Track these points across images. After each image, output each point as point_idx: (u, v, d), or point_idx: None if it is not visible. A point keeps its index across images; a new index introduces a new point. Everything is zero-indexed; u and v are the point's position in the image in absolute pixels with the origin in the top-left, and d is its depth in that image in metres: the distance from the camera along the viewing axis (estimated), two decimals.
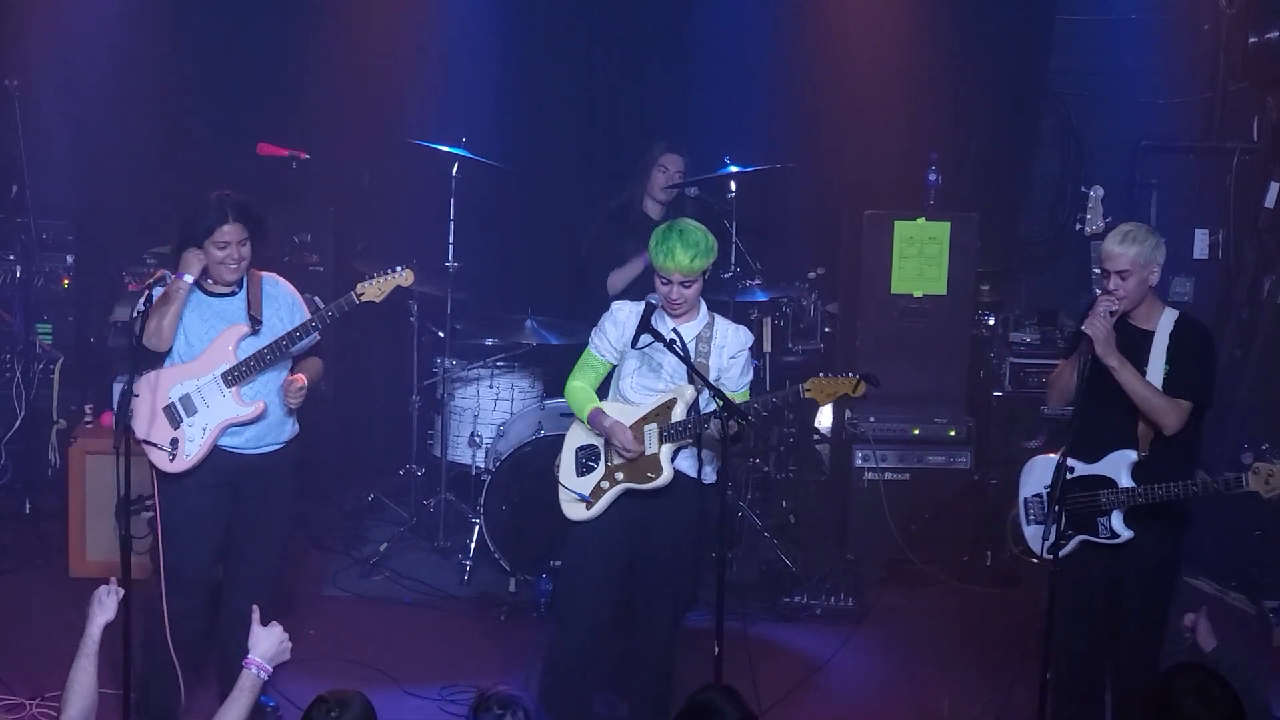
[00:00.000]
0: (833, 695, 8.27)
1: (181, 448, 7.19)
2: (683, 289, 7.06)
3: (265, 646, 5.89)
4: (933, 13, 10.78)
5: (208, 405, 7.22)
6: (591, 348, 7.40)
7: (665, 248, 7.02)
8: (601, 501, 7.23)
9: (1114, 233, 6.89)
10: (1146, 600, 7.02)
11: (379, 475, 10.68)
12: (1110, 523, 6.91)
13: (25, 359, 10.16)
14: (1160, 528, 6.93)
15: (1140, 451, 6.87)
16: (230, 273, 7.22)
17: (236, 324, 7.27)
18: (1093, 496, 6.89)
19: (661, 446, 7.13)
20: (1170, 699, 5.32)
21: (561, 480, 7.35)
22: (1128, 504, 6.86)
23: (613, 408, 7.26)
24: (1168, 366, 6.86)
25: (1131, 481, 6.85)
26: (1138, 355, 6.88)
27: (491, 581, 9.37)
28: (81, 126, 10.64)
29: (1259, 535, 9.43)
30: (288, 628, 6.03)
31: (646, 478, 7.18)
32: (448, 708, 7.90)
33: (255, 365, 7.24)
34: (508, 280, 11.16)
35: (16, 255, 10.25)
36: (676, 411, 7.11)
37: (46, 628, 8.51)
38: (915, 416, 9.94)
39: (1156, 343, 6.90)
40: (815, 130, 10.90)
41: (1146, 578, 6.99)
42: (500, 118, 10.80)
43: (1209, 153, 11.02)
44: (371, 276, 7.38)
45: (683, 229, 7.08)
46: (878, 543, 9.82)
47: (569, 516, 7.33)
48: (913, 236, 9.95)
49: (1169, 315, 6.97)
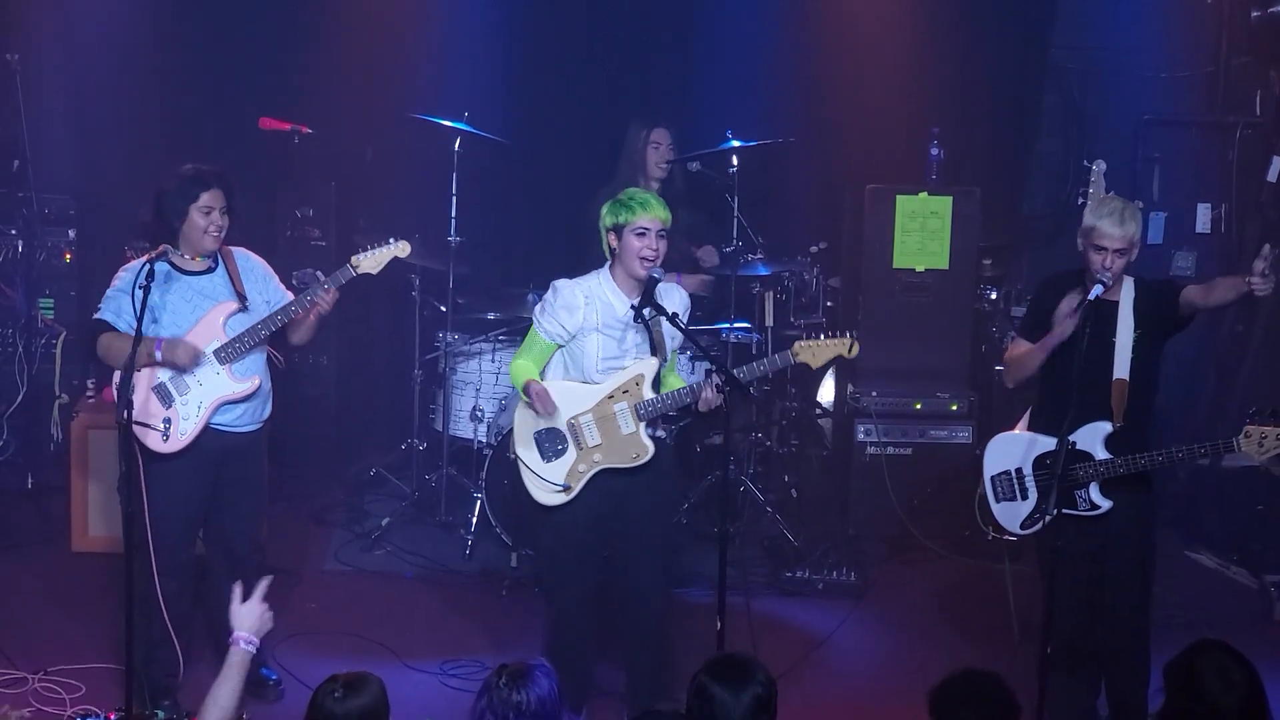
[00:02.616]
0: (835, 670, 8.28)
1: (175, 426, 7.19)
2: (660, 239, 7.08)
3: (248, 621, 5.90)
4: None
5: (200, 383, 7.22)
6: (538, 329, 7.33)
7: (637, 200, 7.13)
8: (579, 484, 7.21)
9: (1106, 212, 6.91)
10: (1131, 566, 7.09)
11: (381, 450, 10.68)
12: (1089, 494, 6.99)
13: (27, 334, 10.15)
14: (1135, 494, 7.03)
15: (1114, 422, 6.92)
16: (212, 241, 7.23)
17: (224, 301, 7.28)
18: (1069, 470, 6.92)
19: (640, 425, 7.14)
20: (1191, 676, 5.33)
21: (531, 468, 7.27)
22: (1106, 475, 6.93)
23: (574, 388, 7.23)
24: (1138, 330, 6.95)
25: (1107, 454, 6.91)
26: (1103, 326, 6.94)
27: (493, 556, 9.38)
28: (83, 101, 10.62)
29: (1260, 510, 9.44)
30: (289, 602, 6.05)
31: (631, 458, 7.18)
32: (449, 682, 7.90)
33: (247, 341, 7.25)
34: (510, 254, 11.14)
35: (18, 230, 10.23)
36: (646, 388, 7.13)
37: (49, 603, 8.55)
38: (917, 391, 9.94)
39: (1122, 310, 6.98)
40: (817, 104, 10.87)
41: (1127, 544, 7.08)
42: (502, 92, 10.77)
43: (1212, 127, 11.01)
44: (367, 249, 7.40)
45: (637, 189, 7.37)
46: (879, 517, 9.84)
47: (544, 504, 7.26)
48: (915, 211, 9.94)
49: (1128, 283, 7.05)
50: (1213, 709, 5.25)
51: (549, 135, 11.04)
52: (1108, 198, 7.19)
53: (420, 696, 7.68)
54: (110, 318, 7.23)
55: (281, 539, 9.39)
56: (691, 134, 9.97)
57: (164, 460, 7.21)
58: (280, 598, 8.66)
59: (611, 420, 7.16)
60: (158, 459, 7.19)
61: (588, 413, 7.18)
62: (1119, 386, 6.94)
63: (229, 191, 7.27)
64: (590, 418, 7.18)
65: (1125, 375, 6.94)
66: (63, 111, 10.57)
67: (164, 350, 7.13)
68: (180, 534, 7.33)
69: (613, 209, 7.15)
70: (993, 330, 10.21)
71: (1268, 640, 8.42)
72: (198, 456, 7.29)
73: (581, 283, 7.26)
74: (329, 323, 7.77)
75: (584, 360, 7.23)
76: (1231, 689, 5.28)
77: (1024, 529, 7.20)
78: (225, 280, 7.34)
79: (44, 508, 9.81)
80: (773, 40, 10.79)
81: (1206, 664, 5.34)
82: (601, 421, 7.17)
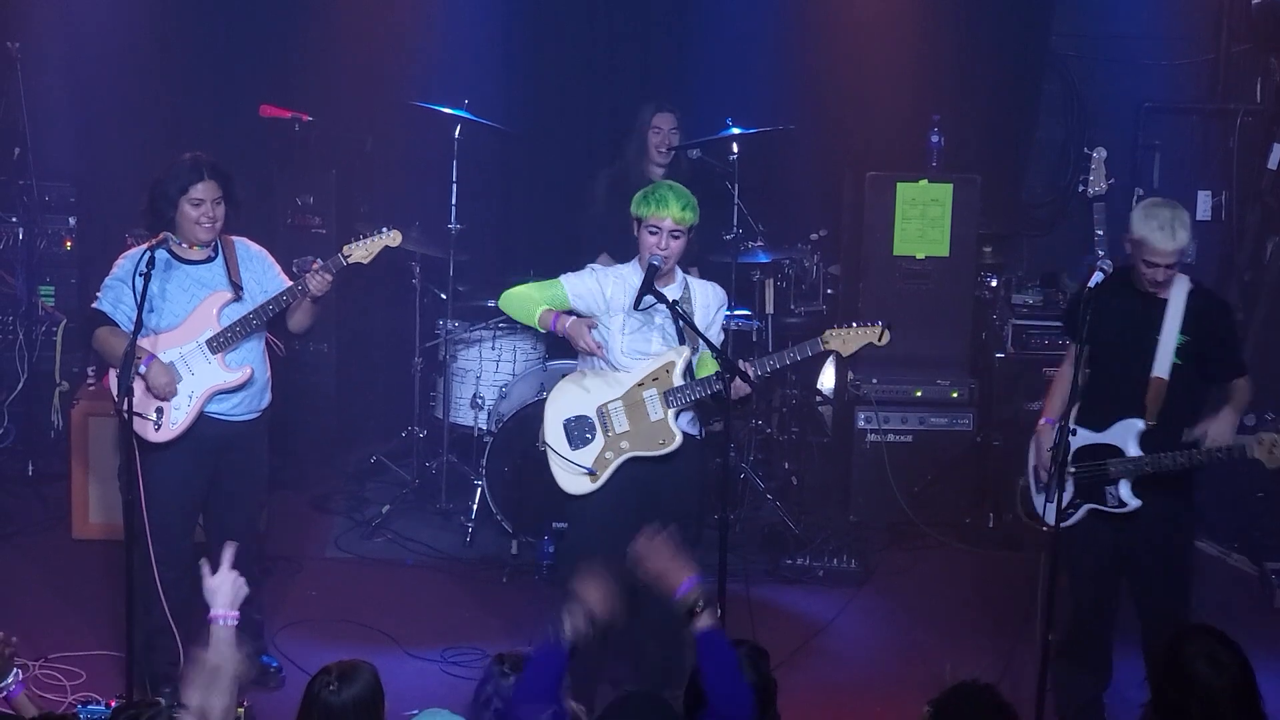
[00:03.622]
0: (835, 657, 8.29)
1: (168, 416, 7.19)
2: (672, 239, 7.05)
3: (222, 596, 5.76)
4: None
5: (193, 372, 7.22)
6: (564, 283, 7.25)
7: (657, 196, 7.06)
8: (606, 472, 7.20)
9: (1156, 225, 6.71)
10: (1157, 573, 6.98)
11: (381, 437, 10.69)
12: (1118, 491, 6.90)
13: (28, 321, 10.15)
14: (1168, 497, 6.91)
15: (1148, 420, 6.85)
16: (205, 232, 7.21)
17: (219, 290, 7.28)
18: (1100, 465, 6.89)
19: (668, 411, 7.14)
20: (1180, 663, 5.32)
21: (559, 453, 7.24)
22: (1135, 473, 6.84)
23: (606, 375, 7.22)
24: (1184, 336, 6.83)
25: (1139, 450, 6.84)
26: (1150, 324, 6.86)
27: (493, 543, 9.39)
28: (83, 88, 10.61)
29: (1261, 498, 9.43)
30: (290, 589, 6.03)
31: (659, 444, 7.16)
32: (450, 669, 7.91)
33: (240, 331, 7.25)
34: (510, 242, 11.14)
35: (19, 217, 10.23)
36: (676, 375, 7.12)
37: (49, 590, 8.56)
38: (918, 378, 9.94)
39: (1171, 310, 6.86)
40: (818, 92, 10.85)
41: (1158, 548, 6.95)
42: (502, 80, 10.76)
43: (1212, 114, 11.00)
44: (359, 238, 7.40)
45: (672, 184, 7.19)
46: (880, 505, 9.84)
47: (570, 491, 7.24)
48: (915, 198, 9.94)
49: (1182, 282, 6.92)
50: (1205, 694, 5.24)
51: (549, 122, 11.03)
52: (1155, 204, 6.89)
53: (421, 684, 7.68)
54: (108, 308, 7.22)
55: (282, 527, 9.40)
56: (692, 121, 9.95)
57: (161, 449, 7.21)
58: (281, 585, 8.73)
59: (640, 407, 7.16)
60: (155, 448, 7.19)
61: (617, 400, 7.18)
62: (1156, 385, 6.83)
63: (225, 182, 7.23)
64: (620, 404, 7.18)
65: (1164, 375, 6.82)
66: (64, 99, 10.55)
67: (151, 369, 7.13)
68: (179, 522, 7.33)
69: (638, 201, 7.13)
70: (993, 317, 10.20)
71: (1268, 627, 8.45)
72: (194, 445, 7.28)
73: (615, 268, 7.29)
74: (329, 311, 7.77)
75: (610, 340, 7.19)
76: (1222, 672, 5.26)
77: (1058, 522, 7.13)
78: (224, 270, 7.34)
79: (44, 495, 9.81)
80: (773, 27, 10.78)
81: (1196, 650, 5.32)
82: (631, 408, 7.17)
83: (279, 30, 10.69)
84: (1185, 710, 5.28)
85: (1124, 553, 7.01)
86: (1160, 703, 5.42)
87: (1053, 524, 6.81)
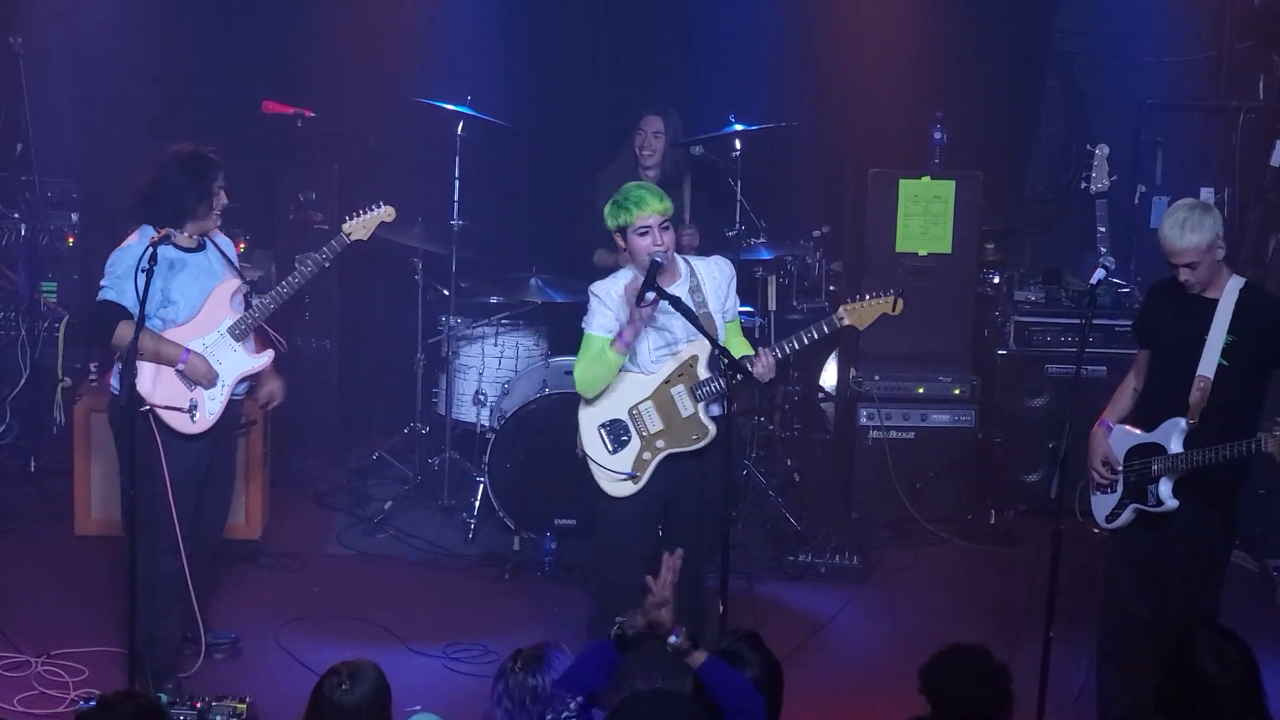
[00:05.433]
0: (837, 653, 8.29)
1: (203, 407, 7.26)
2: (663, 232, 7.05)
3: None
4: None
5: (220, 362, 7.28)
6: (592, 330, 7.23)
7: (631, 199, 7.08)
8: (646, 472, 7.23)
9: (1170, 222, 6.71)
10: (1188, 575, 6.94)
11: (384, 433, 10.68)
12: (1158, 490, 6.88)
13: (30, 317, 10.14)
14: (1204, 504, 6.87)
15: (1189, 419, 6.81)
16: (216, 219, 7.34)
17: (227, 279, 7.35)
18: (1145, 464, 6.90)
19: (698, 406, 7.17)
20: (1187, 659, 5.32)
21: (598, 461, 7.25)
22: (1176, 471, 6.81)
23: (634, 378, 7.24)
24: (1231, 336, 6.77)
25: (1181, 448, 6.80)
26: (1199, 323, 6.83)
27: (496, 540, 9.39)
28: (86, 84, 10.59)
29: (1263, 494, 9.41)
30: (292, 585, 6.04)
31: (692, 440, 7.21)
32: (452, 665, 7.92)
33: (259, 315, 7.34)
34: (512, 238, 11.12)
35: (21, 213, 10.21)
36: (701, 370, 7.16)
37: (51, 586, 8.56)
38: (920, 375, 9.95)
39: (1220, 310, 6.80)
40: (820, 88, 10.85)
41: (1188, 552, 6.91)
42: (505, 76, 10.73)
43: (1214, 111, 10.99)
44: (355, 215, 7.48)
45: (636, 183, 7.28)
46: (882, 501, 9.85)
47: (614, 495, 7.26)
48: (917, 195, 9.94)
49: (1235, 283, 6.86)
50: (1212, 690, 5.25)
51: (551, 118, 11.02)
52: (1179, 204, 6.85)
53: (424, 680, 7.69)
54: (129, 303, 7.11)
55: (284, 523, 9.42)
56: (694, 117, 9.95)
57: (181, 439, 7.25)
58: (283, 582, 8.74)
59: (670, 404, 7.20)
60: (176, 438, 7.23)
61: (647, 400, 7.22)
62: (1200, 384, 6.78)
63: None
64: (650, 404, 7.22)
65: (1209, 374, 6.77)
66: (66, 95, 10.53)
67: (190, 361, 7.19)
68: (194, 507, 7.39)
69: (612, 213, 7.12)
70: (995, 314, 10.19)
71: (1269, 624, 8.46)
72: (215, 430, 7.38)
73: (613, 281, 7.26)
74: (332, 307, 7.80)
75: (638, 353, 7.20)
76: (1229, 668, 5.27)
77: (1107, 523, 7.12)
78: (218, 258, 7.42)
79: (46, 491, 9.80)
80: (776, 23, 10.76)
81: (1202, 646, 5.32)
82: (661, 407, 7.21)
83: (281, 26, 10.67)
84: (1189, 705, 5.28)
85: (1160, 556, 6.98)
86: (1163, 697, 5.42)
87: (1104, 526, 7.02)
